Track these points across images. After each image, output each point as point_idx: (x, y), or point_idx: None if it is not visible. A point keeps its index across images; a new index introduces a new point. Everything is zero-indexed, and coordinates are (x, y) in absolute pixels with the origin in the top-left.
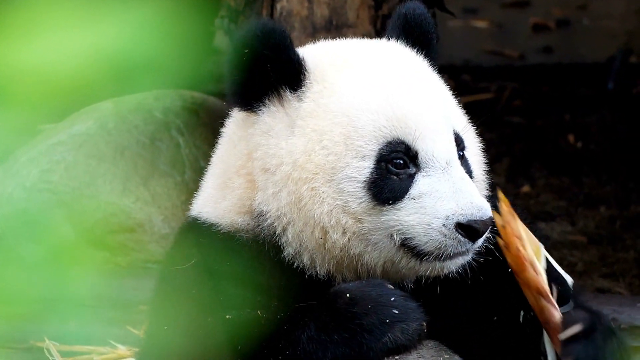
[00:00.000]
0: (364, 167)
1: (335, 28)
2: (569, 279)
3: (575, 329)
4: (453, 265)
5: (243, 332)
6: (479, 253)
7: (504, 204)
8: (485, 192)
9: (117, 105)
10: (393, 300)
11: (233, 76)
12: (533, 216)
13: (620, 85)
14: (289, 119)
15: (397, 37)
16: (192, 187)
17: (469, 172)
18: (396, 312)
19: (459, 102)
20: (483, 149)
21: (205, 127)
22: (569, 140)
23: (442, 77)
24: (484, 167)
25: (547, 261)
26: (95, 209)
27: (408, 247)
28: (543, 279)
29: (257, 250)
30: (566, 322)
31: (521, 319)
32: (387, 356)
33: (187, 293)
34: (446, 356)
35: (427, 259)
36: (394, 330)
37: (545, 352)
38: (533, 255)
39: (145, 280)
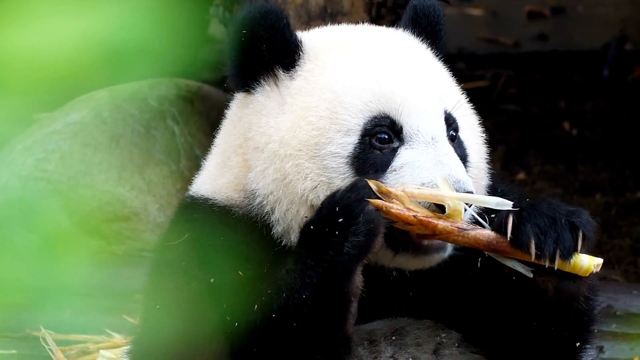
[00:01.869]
0: (348, 143)
1: (330, 16)
2: (491, 200)
3: (509, 223)
4: (427, 262)
5: (230, 297)
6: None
7: (376, 187)
8: (485, 181)
9: (112, 94)
10: (337, 210)
11: (231, 57)
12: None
13: (616, 73)
14: (280, 98)
15: (405, 27)
16: (187, 175)
17: (463, 154)
18: (341, 219)
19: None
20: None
21: (200, 116)
22: (564, 127)
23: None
24: (485, 156)
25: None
26: (90, 198)
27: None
28: (456, 220)
29: (250, 226)
30: (499, 227)
31: (479, 264)
32: (358, 262)
33: (177, 267)
34: (443, 334)
35: (401, 249)
36: (348, 237)
37: (513, 271)
38: (440, 216)
39: (141, 269)
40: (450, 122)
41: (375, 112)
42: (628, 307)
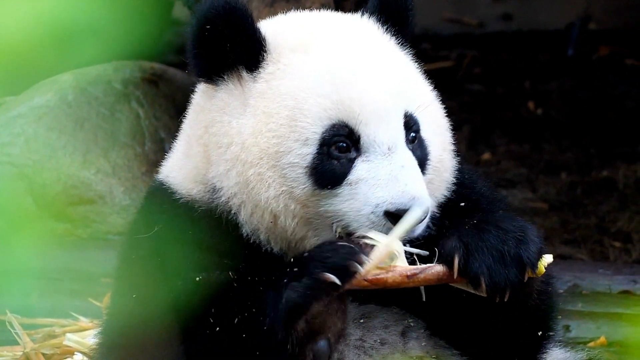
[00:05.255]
0: (307, 153)
1: None
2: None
3: (456, 263)
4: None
5: (214, 293)
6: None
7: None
8: (449, 172)
9: (77, 77)
10: (306, 256)
11: (194, 50)
12: (494, 183)
13: (580, 52)
14: (243, 98)
15: (373, 13)
16: (152, 158)
17: (424, 154)
18: (296, 269)
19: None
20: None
21: (165, 98)
22: (529, 107)
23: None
24: (450, 142)
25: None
26: (55, 181)
27: (346, 234)
28: (404, 267)
29: (216, 222)
30: (446, 262)
31: (424, 298)
32: (290, 316)
33: (152, 260)
34: (410, 320)
35: None
36: (288, 289)
37: (479, 295)
38: (388, 269)
39: (107, 252)
40: (411, 125)
41: (334, 120)
42: (594, 286)
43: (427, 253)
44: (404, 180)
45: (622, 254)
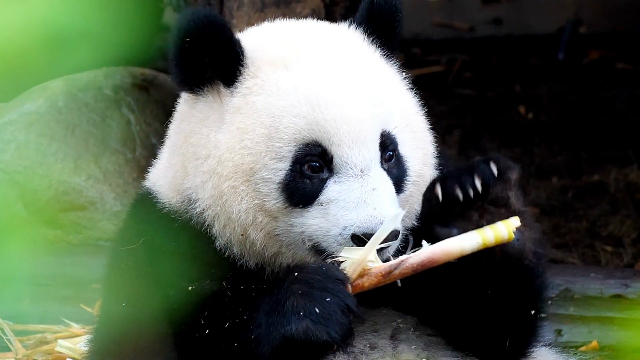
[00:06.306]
0: (280, 169)
1: (284, 3)
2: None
3: (438, 189)
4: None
5: (203, 303)
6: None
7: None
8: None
9: (67, 84)
10: (328, 301)
11: (175, 60)
12: None
13: (570, 56)
14: (221, 112)
15: (360, 23)
16: (143, 164)
17: (402, 171)
18: (317, 310)
19: (409, 77)
20: (434, 121)
21: (156, 104)
22: (519, 111)
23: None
24: (431, 159)
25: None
26: (47, 188)
27: (317, 250)
28: (378, 267)
29: (195, 233)
30: (429, 199)
31: (399, 284)
32: (283, 347)
33: (140, 269)
34: (399, 320)
35: None
36: (299, 324)
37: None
38: (362, 273)
39: (98, 258)
40: (388, 144)
41: (308, 139)
42: (585, 290)
43: (412, 240)
44: (372, 204)
45: (613, 258)
